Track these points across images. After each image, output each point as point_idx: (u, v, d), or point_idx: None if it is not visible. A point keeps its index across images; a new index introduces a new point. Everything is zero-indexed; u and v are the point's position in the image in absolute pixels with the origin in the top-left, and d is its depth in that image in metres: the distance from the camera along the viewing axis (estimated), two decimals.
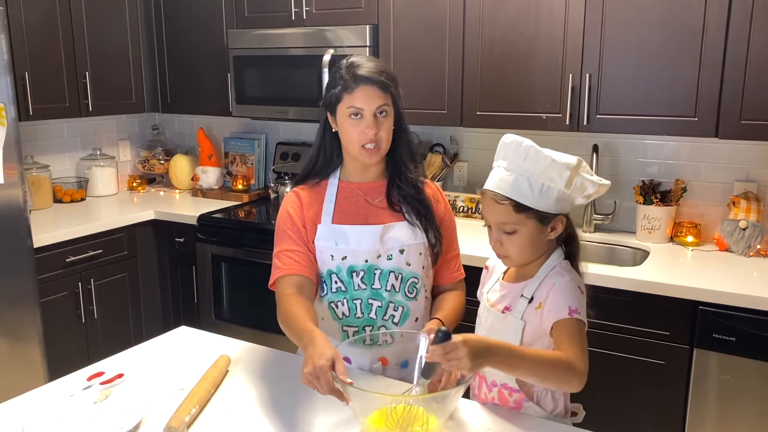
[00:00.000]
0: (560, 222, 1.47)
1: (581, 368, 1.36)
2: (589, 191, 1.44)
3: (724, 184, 2.75)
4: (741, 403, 2.22)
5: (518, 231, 1.45)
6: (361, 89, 1.63)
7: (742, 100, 2.35)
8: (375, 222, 1.72)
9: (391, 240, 1.70)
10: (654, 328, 2.32)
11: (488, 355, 1.29)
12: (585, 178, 1.43)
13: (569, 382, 1.36)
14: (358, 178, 1.76)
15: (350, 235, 1.69)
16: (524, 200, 1.43)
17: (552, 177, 1.41)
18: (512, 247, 1.48)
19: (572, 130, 2.67)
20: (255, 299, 3.20)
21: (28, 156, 3.38)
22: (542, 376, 1.36)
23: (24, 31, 3.07)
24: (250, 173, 3.83)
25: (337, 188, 1.75)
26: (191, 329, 1.98)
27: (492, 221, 1.50)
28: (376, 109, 1.63)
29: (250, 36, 3.30)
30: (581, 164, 1.44)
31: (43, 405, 1.49)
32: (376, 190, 1.76)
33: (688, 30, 2.40)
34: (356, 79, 1.63)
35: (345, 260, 1.69)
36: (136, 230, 3.38)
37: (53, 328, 2.96)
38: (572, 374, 1.35)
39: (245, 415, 1.48)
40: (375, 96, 1.63)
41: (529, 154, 1.42)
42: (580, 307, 1.42)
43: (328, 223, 1.71)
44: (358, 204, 1.74)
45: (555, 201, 1.43)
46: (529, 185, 1.42)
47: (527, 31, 2.67)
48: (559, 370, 1.35)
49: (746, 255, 2.58)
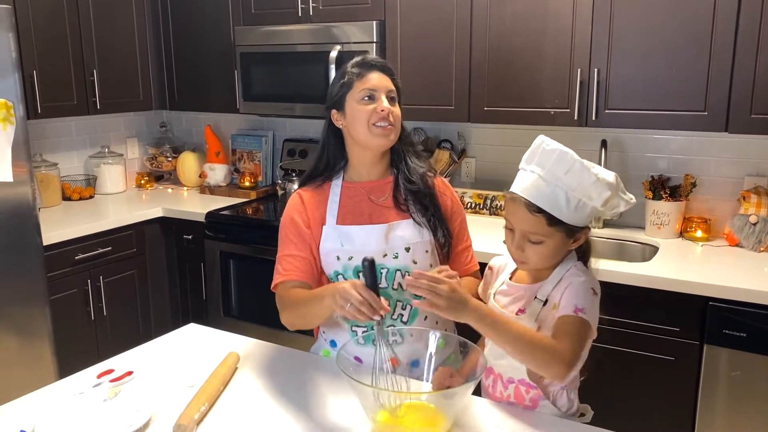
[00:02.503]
0: (584, 234, 1.46)
1: (565, 359, 1.33)
2: (621, 209, 1.43)
3: (735, 178, 2.73)
4: (751, 400, 2.20)
5: (545, 242, 1.42)
6: (374, 74, 1.69)
7: (752, 94, 2.33)
8: (379, 221, 1.71)
9: (397, 238, 1.69)
10: (663, 324, 2.30)
11: (468, 308, 1.30)
12: (621, 198, 1.42)
13: (547, 365, 1.34)
14: (362, 177, 1.76)
15: (355, 236, 1.69)
16: (559, 214, 1.39)
17: (591, 195, 1.38)
18: (534, 256, 1.45)
19: (581, 126, 2.66)
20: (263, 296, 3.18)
21: (36, 154, 3.39)
22: (521, 349, 1.34)
23: (32, 30, 3.08)
24: (258, 170, 3.83)
25: (340, 189, 1.75)
26: (200, 326, 1.99)
27: (519, 228, 1.45)
28: (388, 93, 1.68)
29: (256, 33, 3.29)
30: (619, 183, 1.41)
31: (53, 402, 1.49)
32: (380, 188, 1.75)
33: (697, 24, 2.38)
34: (368, 66, 1.70)
35: (351, 260, 1.68)
36: (144, 228, 3.39)
37: (63, 325, 2.97)
38: (553, 359, 1.33)
39: (255, 412, 1.48)
40: (385, 80, 1.70)
41: (572, 169, 1.37)
42: (588, 308, 1.40)
43: (332, 225, 1.71)
44: (362, 204, 1.73)
45: (587, 216, 1.42)
46: (567, 200, 1.38)
47: (535, 25, 2.66)
48: (541, 350, 1.33)
49: (757, 250, 2.56)
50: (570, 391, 1.51)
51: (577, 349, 1.36)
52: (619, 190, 1.41)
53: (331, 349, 1.78)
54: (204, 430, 1.41)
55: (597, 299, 1.44)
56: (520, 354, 1.35)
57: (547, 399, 1.49)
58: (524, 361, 1.38)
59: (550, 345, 1.34)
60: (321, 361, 1.77)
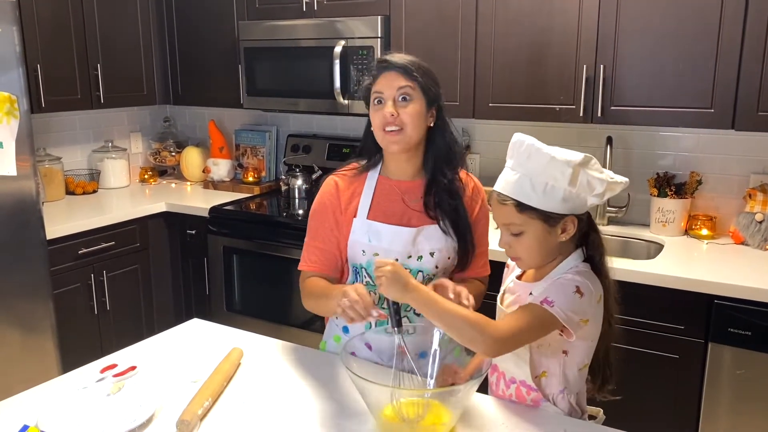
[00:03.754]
0: (571, 223, 1.43)
1: (495, 334, 1.34)
2: (599, 189, 1.39)
3: (740, 176, 2.71)
4: (755, 398, 2.20)
5: (525, 232, 1.43)
6: (384, 75, 1.66)
7: (759, 91, 2.31)
8: (410, 224, 1.71)
9: (423, 242, 1.70)
10: (668, 321, 2.30)
11: (407, 289, 1.37)
12: (591, 176, 1.38)
13: (472, 340, 1.35)
14: (396, 175, 1.75)
15: (384, 234, 1.69)
16: (527, 200, 1.40)
17: (554, 175, 1.38)
18: (520, 249, 1.46)
19: (586, 122, 2.64)
20: (267, 291, 3.20)
21: (40, 148, 3.39)
22: (449, 323, 1.37)
23: (36, 23, 3.07)
24: (261, 165, 3.83)
25: (376, 183, 1.75)
26: (203, 321, 1.99)
27: (498, 222, 1.48)
28: (396, 92, 1.64)
29: (261, 27, 3.28)
30: (588, 161, 1.39)
31: (56, 397, 1.49)
32: (413, 190, 1.74)
33: (704, 20, 2.37)
34: (380, 67, 1.68)
35: (376, 257, 1.69)
36: (148, 222, 3.39)
37: (66, 319, 2.97)
38: (478, 333, 1.33)
39: (258, 408, 1.48)
40: (396, 80, 1.64)
41: (530, 153, 1.40)
42: (561, 303, 1.37)
43: (363, 218, 1.71)
44: (395, 203, 1.73)
45: (562, 200, 1.39)
46: (532, 184, 1.39)
47: (541, 21, 2.64)
48: (468, 325, 1.34)
49: (762, 248, 2.55)
50: (569, 395, 1.49)
51: (513, 329, 1.35)
52: (589, 168, 1.39)
53: (343, 335, 1.80)
54: (207, 426, 1.40)
55: (582, 299, 1.39)
56: (448, 328, 1.38)
57: (547, 400, 1.48)
58: (454, 336, 1.39)
59: (478, 321, 1.35)
60: (324, 356, 1.76)
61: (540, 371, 1.48)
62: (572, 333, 1.39)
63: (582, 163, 1.38)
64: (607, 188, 1.40)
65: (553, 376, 1.48)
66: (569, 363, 1.48)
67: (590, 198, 1.41)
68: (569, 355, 1.47)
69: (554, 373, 1.48)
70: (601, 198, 1.42)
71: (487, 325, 1.35)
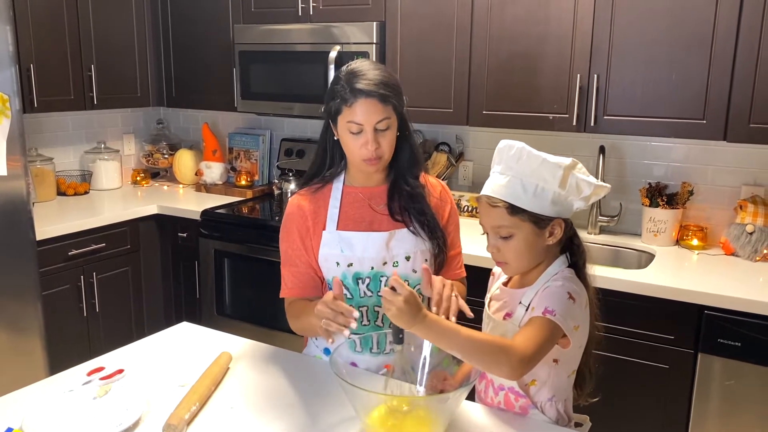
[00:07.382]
0: (558, 226, 1.44)
1: (519, 354, 1.31)
2: (586, 193, 1.41)
3: (732, 187, 2.72)
4: (745, 409, 2.20)
5: (514, 235, 1.43)
6: (360, 103, 1.57)
7: (751, 103, 2.33)
8: (380, 228, 1.69)
9: (397, 247, 1.68)
10: (658, 331, 2.30)
11: (417, 320, 1.28)
12: (580, 179, 1.41)
13: (498, 363, 1.31)
14: (361, 182, 1.74)
15: (355, 242, 1.67)
16: (518, 202, 1.41)
17: (545, 177, 1.39)
18: (509, 253, 1.46)
19: (579, 131, 2.65)
20: (257, 296, 3.19)
21: (31, 148, 3.37)
22: (470, 353, 1.32)
23: (29, 23, 3.06)
24: (254, 169, 3.82)
25: (341, 193, 1.73)
26: (193, 325, 1.97)
27: (487, 225, 1.48)
28: (376, 124, 1.59)
29: (256, 31, 3.28)
30: (576, 165, 1.42)
31: (42, 399, 1.48)
32: (379, 195, 1.73)
33: (698, 32, 2.38)
34: (354, 92, 1.57)
35: (350, 267, 1.67)
36: (139, 224, 3.38)
37: (55, 321, 2.95)
38: (503, 356, 1.30)
39: (246, 412, 1.47)
40: (374, 110, 1.58)
41: (521, 156, 1.41)
42: (560, 311, 1.37)
43: (332, 230, 1.69)
44: (363, 210, 1.72)
45: (551, 203, 1.41)
46: (523, 186, 1.40)
47: (535, 30, 2.65)
48: (490, 351, 1.31)
49: (753, 260, 2.56)
50: (557, 402, 1.49)
51: (532, 346, 1.34)
52: (577, 171, 1.41)
53: (324, 357, 1.78)
54: (194, 431, 1.39)
55: (575, 304, 1.41)
56: (470, 357, 1.34)
57: (535, 407, 1.48)
58: (475, 364, 1.36)
59: (500, 344, 1.32)
60: (313, 362, 1.76)
61: (530, 380, 1.48)
62: (571, 341, 1.39)
63: (571, 166, 1.41)
64: (594, 192, 1.43)
65: (542, 385, 1.48)
66: (559, 371, 1.48)
67: (576, 202, 1.43)
68: (559, 363, 1.47)
69: (544, 381, 1.48)
70: (587, 201, 1.44)
71: (510, 348, 1.32)
